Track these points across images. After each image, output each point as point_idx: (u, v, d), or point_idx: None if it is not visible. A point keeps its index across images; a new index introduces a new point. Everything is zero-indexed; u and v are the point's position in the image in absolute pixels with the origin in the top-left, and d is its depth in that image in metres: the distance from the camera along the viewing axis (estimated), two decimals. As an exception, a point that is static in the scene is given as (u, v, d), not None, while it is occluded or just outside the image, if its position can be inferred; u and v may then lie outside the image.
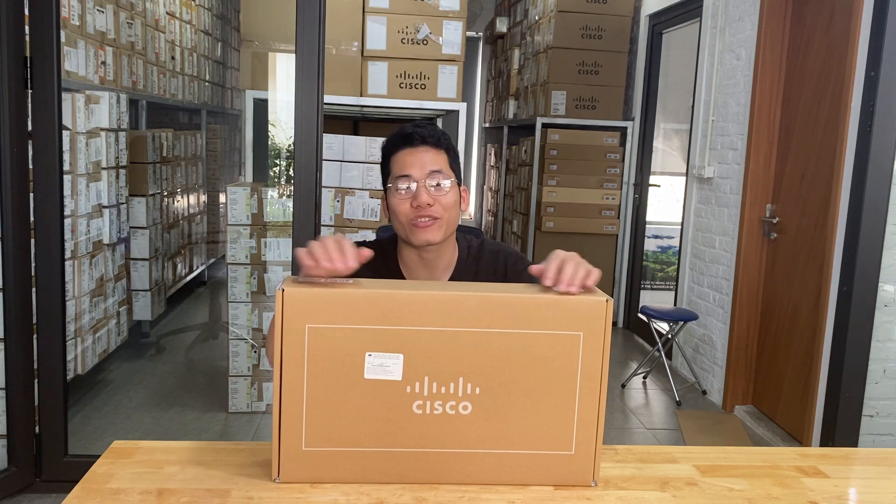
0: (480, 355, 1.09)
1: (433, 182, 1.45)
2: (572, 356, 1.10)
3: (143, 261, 4.16)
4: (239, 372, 3.36)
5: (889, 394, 2.86)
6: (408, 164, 1.46)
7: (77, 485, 1.13)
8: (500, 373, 1.10)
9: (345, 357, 1.08)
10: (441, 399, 1.10)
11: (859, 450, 1.49)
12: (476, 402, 1.11)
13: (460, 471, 1.14)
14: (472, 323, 1.08)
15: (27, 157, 2.43)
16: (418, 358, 1.09)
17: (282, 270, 3.32)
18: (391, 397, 1.10)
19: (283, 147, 4.78)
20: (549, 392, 1.11)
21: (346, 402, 1.10)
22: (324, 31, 2.43)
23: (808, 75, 3.33)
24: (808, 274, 3.26)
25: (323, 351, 1.08)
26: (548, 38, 5.10)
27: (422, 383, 1.10)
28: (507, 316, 1.09)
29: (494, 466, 1.14)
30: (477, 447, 1.13)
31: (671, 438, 3.42)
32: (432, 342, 1.08)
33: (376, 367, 1.08)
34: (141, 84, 4.33)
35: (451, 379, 1.10)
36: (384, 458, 1.13)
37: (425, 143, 1.47)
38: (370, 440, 1.12)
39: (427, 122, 1.53)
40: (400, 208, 1.47)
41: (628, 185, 5.09)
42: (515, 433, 1.13)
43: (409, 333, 1.08)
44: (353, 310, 1.07)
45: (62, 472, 2.55)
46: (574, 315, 1.10)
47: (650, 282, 5.52)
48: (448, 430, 1.12)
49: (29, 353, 2.50)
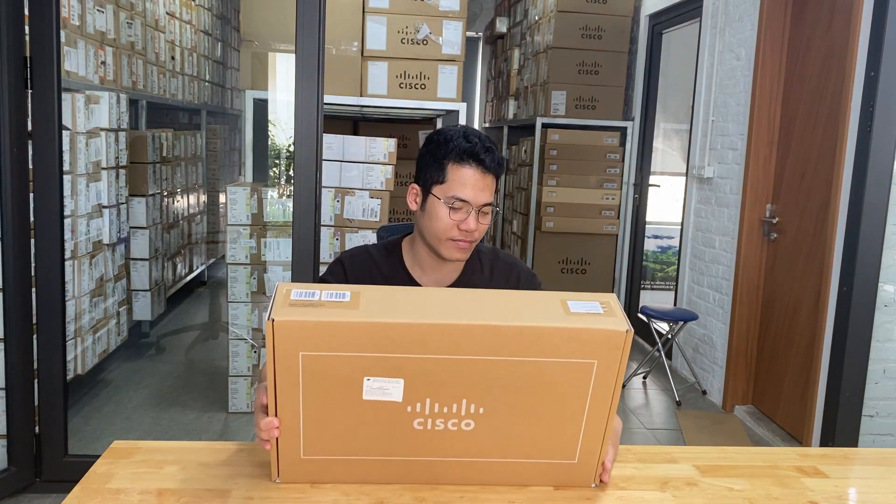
0: (486, 380, 1.04)
1: (483, 210, 1.47)
2: (584, 383, 1.05)
3: (143, 261, 4.16)
4: (239, 372, 3.36)
5: (889, 394, 2.86)
6: (469, 187, 1.44)
7: (77, 485, 1.13)
8: (506, 395, 1.06)
9: (342, 380, 1.03)
10: (443, 417, 1.07)
11: (859, 450, 1.49)
12: (479, 420, 1.08)
13: (461, 475, 1.14)
14: (478, 351, 1.02)
15: (27, 157, 2.43)
16: (419, 382, 1.04)
17: (282, 270, 3.32)
18: (391, 416, 1.06)
19: (283, 147, 4.78)
20: (555, 413, 1.08)
21: (345, 418, 1.06)
22: (324, 31, 2.43)
23: (808, 75, 3.33)
24: (808, 274, 3.26)
25: (319, 374, 1.02)
26: (548, 38, 5.10)
27: (423, 404, 1.06)
28: (517, 345, 1.02)
29: (495, 471, 1.14)
30: (479, 456, 1.12)
31: (671, 438, 3.42)
32: (435, 369, 1.03)
33: (375, 390, 1.04)
34: (141, 84, 4.33)
35: (454, 400, 1.06)
36: (383, 464, 1.12)
37: (485, 168, 1.46)
38: (369, 451, 1.10)
39: (487, 138, 1.49)
40: (444, 222, 1.46)
41: (628, 185, 5.09)
42: (518, 445, 1.11)
43: (411, 361, 1.02)
44: (351, 338, 1.00)
45: (62, 472, 2.55)
46: (590, 344, 1.03)
47: (650, 282, 5.52)
48: (449, 442, 1.10)
49: (29, 353, 2.50)
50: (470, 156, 1.45)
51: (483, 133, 1.51)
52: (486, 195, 1.46)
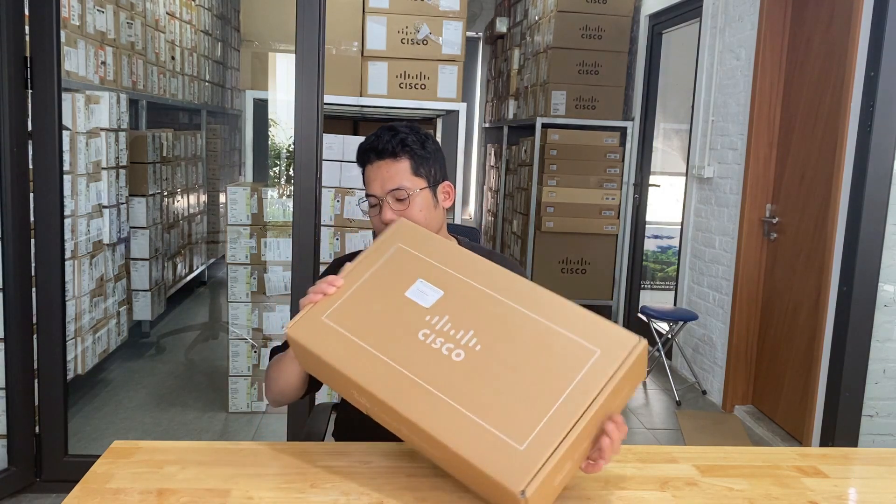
0: (500, 322, 1.15)
1: (394, 197, 1.46)
2: (577, 365, 1.07)
3: (143, 261, 4.16)
4: (239, 372, 3.36)
5: (889, 394, 2.86)
6: (370, 182, 1.49)
7: (77, 485, 1.13)
8: (505, 343, 1.12)
9: (404, 275, 1.24)
10: (443, 337, 1.15)
11: (859, 450, 1.49)
12: (470, 355, 1.12)
13: (425, 412, 1.09)
14: (510, 296, 1.17)
15: (27, 157, 2.43)
16: (452, 299, 1.19)
17: (282, 270, 3.32)
18: (409, 318, 1.18)
19: (283, 147, 4.78)
20: (535, 382, 1.07)
21: (379, 304, 1.22)
22: (324, 31, 2.43)
23: (808, 75, 3.33)
24: (808, 274, 3.26)
25: (394, 266, 1.26)
26: (548, 38, 5.10)
27: (440, 318, 1.17)
28: (543, 306, 1.15)
29: (453, 423, 1.07)
30: (448, 396, 1.09)
31: (671, 438, 3.42)
32: (471, 295, 1.19)
33: (417, 292, 1.21)
34: (141, 84, 4.33)
35: (464, 327, 1.15)
36: (372, 363, 1.15)
37: (381, 157, 1.46)
38: (372, 342, 1.17)
39: (398, 125, 1.50)
40: (374, 224, 1.52)
41: (628, 185, 5.09)
42: (484, 400, 1.07)
43: (459, 281, 1.21)
44: (433, 249, 1.28)
45: (62, 472, 2.55)
46: (602, 336, 1.09)
47: (650, 282, 5.52)
48: (434, 366, 1.12)
49: (29, 353, 2.50)
50: (366, 153, 1.48)
51: (401, 123, 1.51)
52: (392, 182, 1.45)
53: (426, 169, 1.49)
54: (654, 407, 3.81)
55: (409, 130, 1.48)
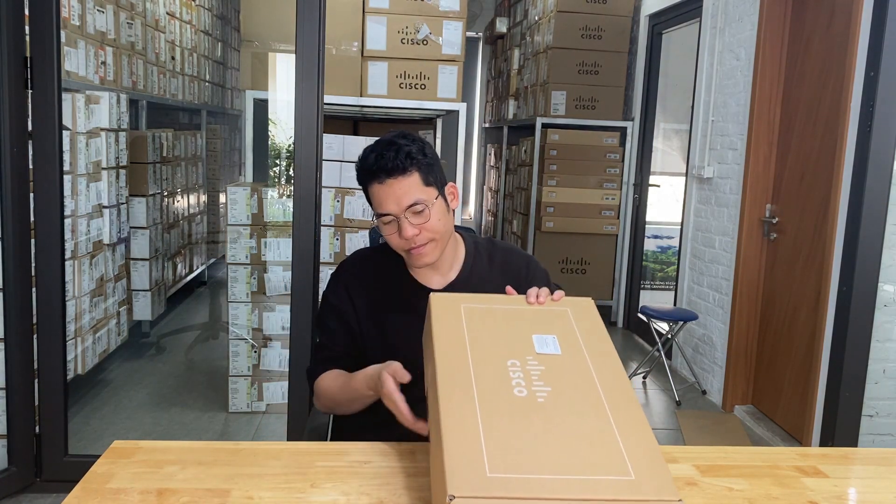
0: (575, 393, 1.14)
1: (412, 212, 1.43)
2: (604, 471, 1.01)
3: (143, 261, 4.16)
4: (239, 372, 3.36)
5: (889, 394, 2.87)
6: (383, 201, 1.44)
7: (77, 485, 1.13)
8: (564, 409, 1.10)
9: (553, 325, 1.29)
10: (524, 375, 1.15)
11: (859, 450, 1.49)
12: (530, 398, 1.10)
13: (454, 419, 1.08)
14: (605, 386, 1.17)
15: (27, 157, 2.43)
16: (560, 361, 1.20)
17: (282, 270, 3.32)
18: (517, 345, 1.21)
19: (283, 147, 4.78)
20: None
21: (512, 326, 1.26)
22: (324, 31, 2.43)
23: (808, 75, 3.33)
24: (808, 274, 3.26)
25: (558, 319, 1.32)
26: (548, 39, 5.10)
27: (538, 364, 1.18)
28: (623, 409, 1.13)
29: (460, 433, 1.07)
30: (482, 415, 1.08)
31: (671, 438, 3.42)
32: (576, 367, 1.19)
33: (542, 339, 1.24)
34: (141, 84, 4.33)
35: (545, 380, 1.15)
36: (461, 358, 1.17)
37: (391, 175, 1.42)
38: (475, 346, 1.20)
39: (395, 138, 1.47)
40: (392, 241, 1.48)
41: (628, 185, 5.09)
42: (502, 436, 1.05)
43: (580, 356, 1.22)
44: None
45: (62, 472, 2.55)
46: (647, 468, 1.04)
47: (650, 282, 5.52)
48: (494, 390, 1.11)
49: (29, 353, 2.50)
50: (372, 175, 1.45)
51: (393, 135, 1.48)
52: (408, 197, 1.42)
53: (433, 176, 1.48)
54: (654, 407, 3.81)
55: (408, 141, 1.45)
